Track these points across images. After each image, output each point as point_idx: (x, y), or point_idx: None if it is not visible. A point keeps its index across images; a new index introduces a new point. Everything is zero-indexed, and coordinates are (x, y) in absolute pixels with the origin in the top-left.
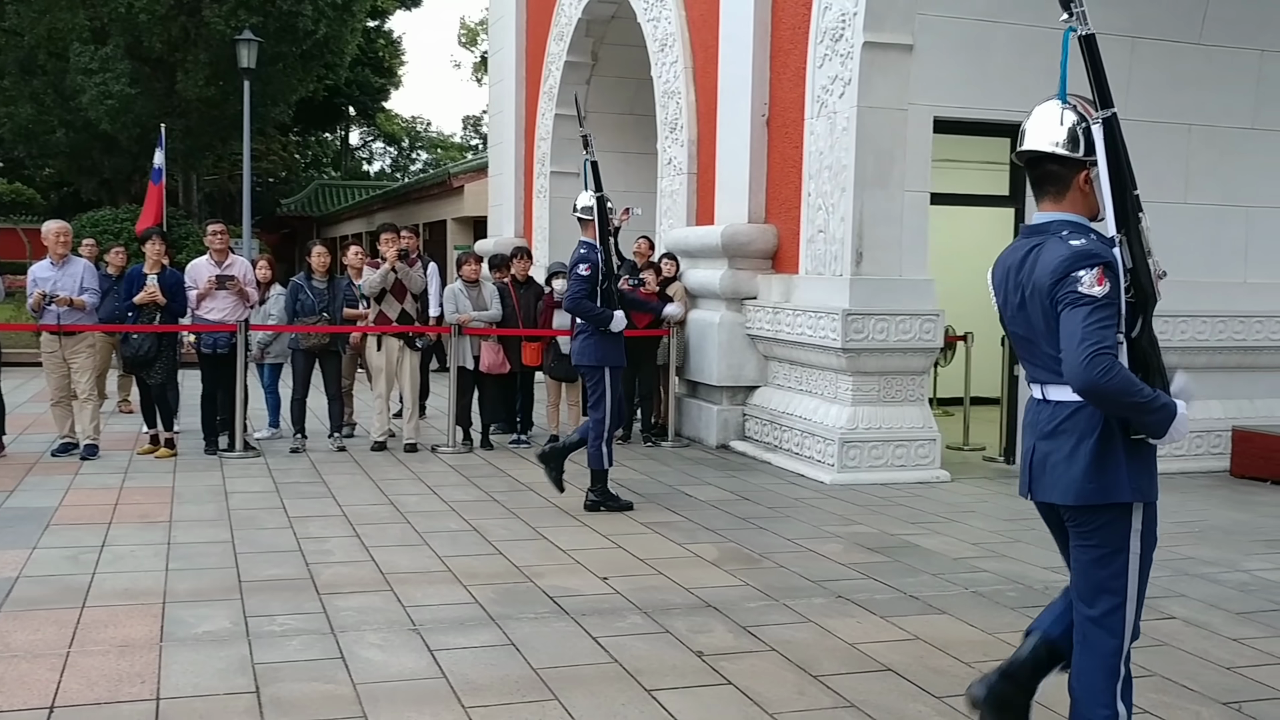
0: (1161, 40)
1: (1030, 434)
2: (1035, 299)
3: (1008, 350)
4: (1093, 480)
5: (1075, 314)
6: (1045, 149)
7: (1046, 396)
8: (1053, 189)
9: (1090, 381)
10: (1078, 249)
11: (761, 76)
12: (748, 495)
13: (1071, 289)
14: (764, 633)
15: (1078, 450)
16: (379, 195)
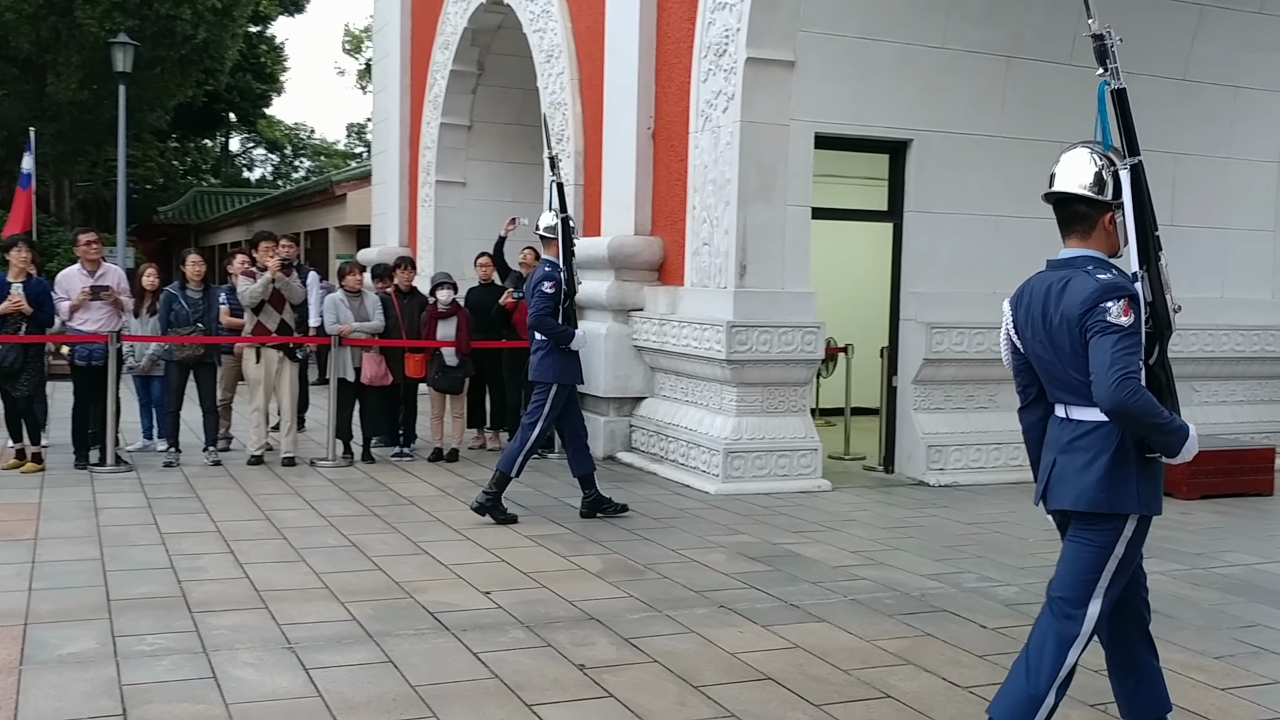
0: (1035, 60)
1: (1051, 449)
2: (1064, 327)
3: (887, 361)
4: (1104, 490)
5: (1104, 341)
6: (1075, 191)
7: (1069, 416)
8: (1080, 227)
9: (1118, 402)
10: (1105, 282)
11: (647, 90)
12: (633, 506)
13: (1100, 318)
14: (646, 644)
15: (1093, 463)
16: (260, 203)
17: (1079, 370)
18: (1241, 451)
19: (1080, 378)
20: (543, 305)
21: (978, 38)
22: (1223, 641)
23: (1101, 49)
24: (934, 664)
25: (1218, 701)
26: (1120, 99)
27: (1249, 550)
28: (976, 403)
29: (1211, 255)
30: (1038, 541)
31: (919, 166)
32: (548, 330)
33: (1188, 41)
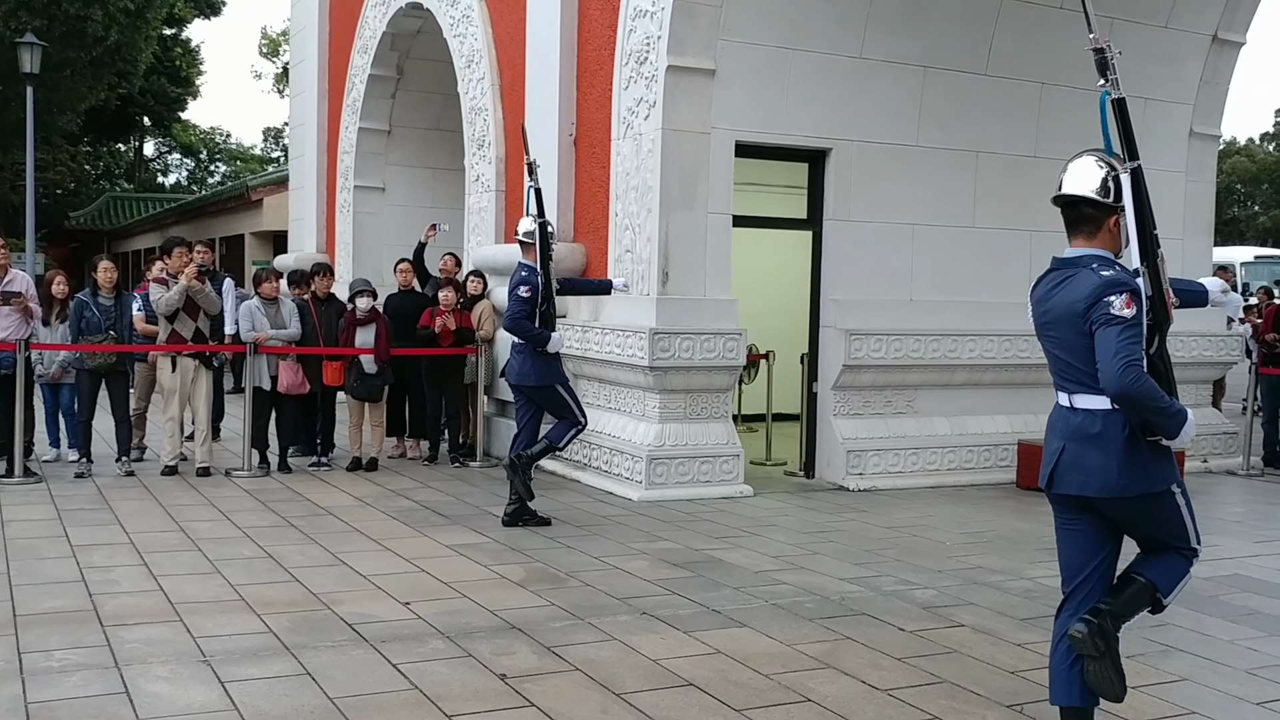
0: (951, 70)
1: (1057, 436)
2: (1070, 320)
3: (807, 368)
4: (1123, 476)
5: (1109, 332)
6: (1084, 194)
7: (1074, 405)
8: (1087, 228)
9: (1123, 388)
10: (1109, 278)
11: (569, 96)
12: (556, 514)
13: (1105, 311)
14: (568, 652)
15: (1108, 450)
16: (174, 208)
17: (1083, 361)
18: None
19: (1084, 367)
20: (518, 309)
21: (895, 48)
22: (1134, 641)
23: (1102, 61)
24: (853, 667)
25: (1129, 700)
26: (1120, 108)
27: None
28: (894, 408)
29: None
30: (955, 544)
31: (838, 175)
32: (522, 333)
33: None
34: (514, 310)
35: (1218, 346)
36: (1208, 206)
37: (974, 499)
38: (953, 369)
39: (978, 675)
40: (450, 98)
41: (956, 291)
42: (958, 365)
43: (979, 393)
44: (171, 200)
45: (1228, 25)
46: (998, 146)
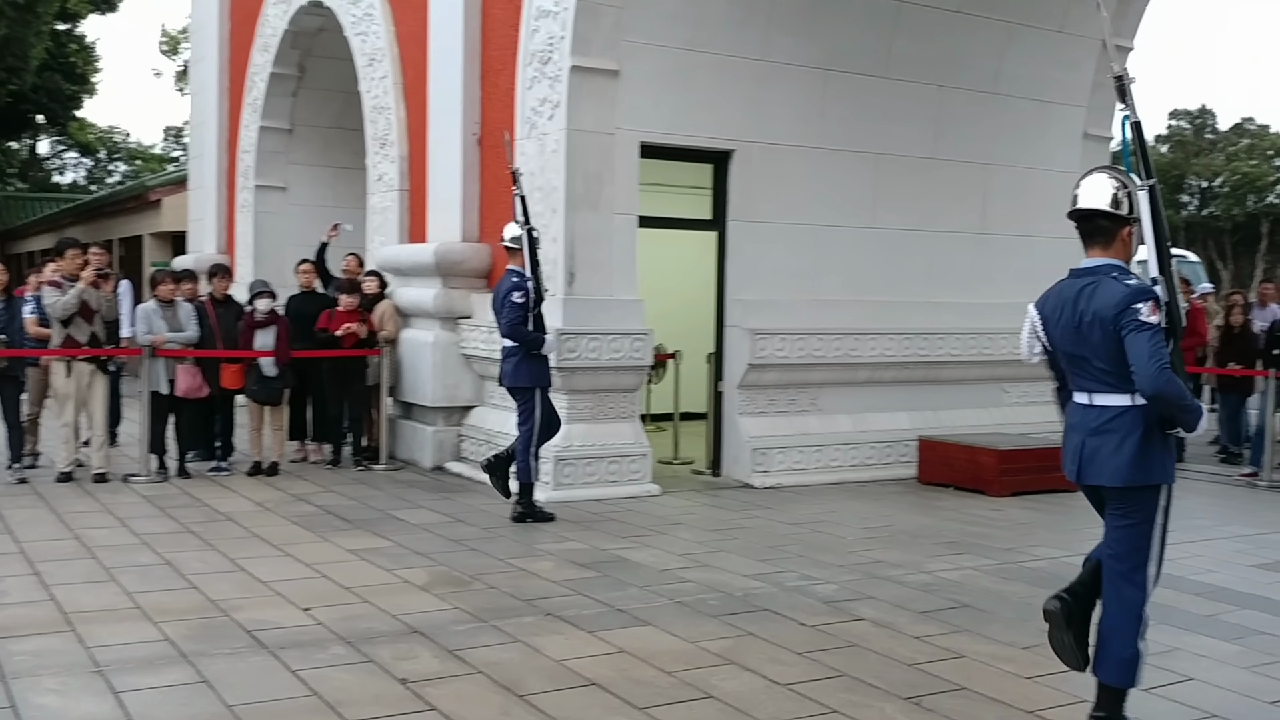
0: (852, 73)
1: (1077, 432)
2: (1095, 325)
3: (713, 367)
4: (1136, 467)
5: (1140, 337)
6: (1099, 207)
7: (1094, 402)
8: (1102, 239)
9: (1158, 389)
10: (1135, 287)
11: (472, 95)
12: (461, 517)
13: (1134, 317)
14: (471, 655)
15: (1124, 444)
16: (70, 209)
17: (1106, 362)
18: (1050, 450)
19: (1107, 368)
20: (515, 314)
21: (796, 50)
22: (1029, 632)
23: (1121, 88)
24: (755, 663)
25: (1024, 690)
26: (1138, 130)
27: (1056, 544)
28: (799, 406)
29: (1020, 261)
30: (856, 540)
31: (741, 176)
32: (521, 338)
33: (997, 57)
34: (510, 316)
35: None
36: None
37: (876, 494)
38: (855, 367)
39: (877, 668)
40: (352, 96)
41: (858, 291)
42: (860, 363)
43: (880, 390)
44: (68, 200)
45: (1117, 30)
46: (897, 148)
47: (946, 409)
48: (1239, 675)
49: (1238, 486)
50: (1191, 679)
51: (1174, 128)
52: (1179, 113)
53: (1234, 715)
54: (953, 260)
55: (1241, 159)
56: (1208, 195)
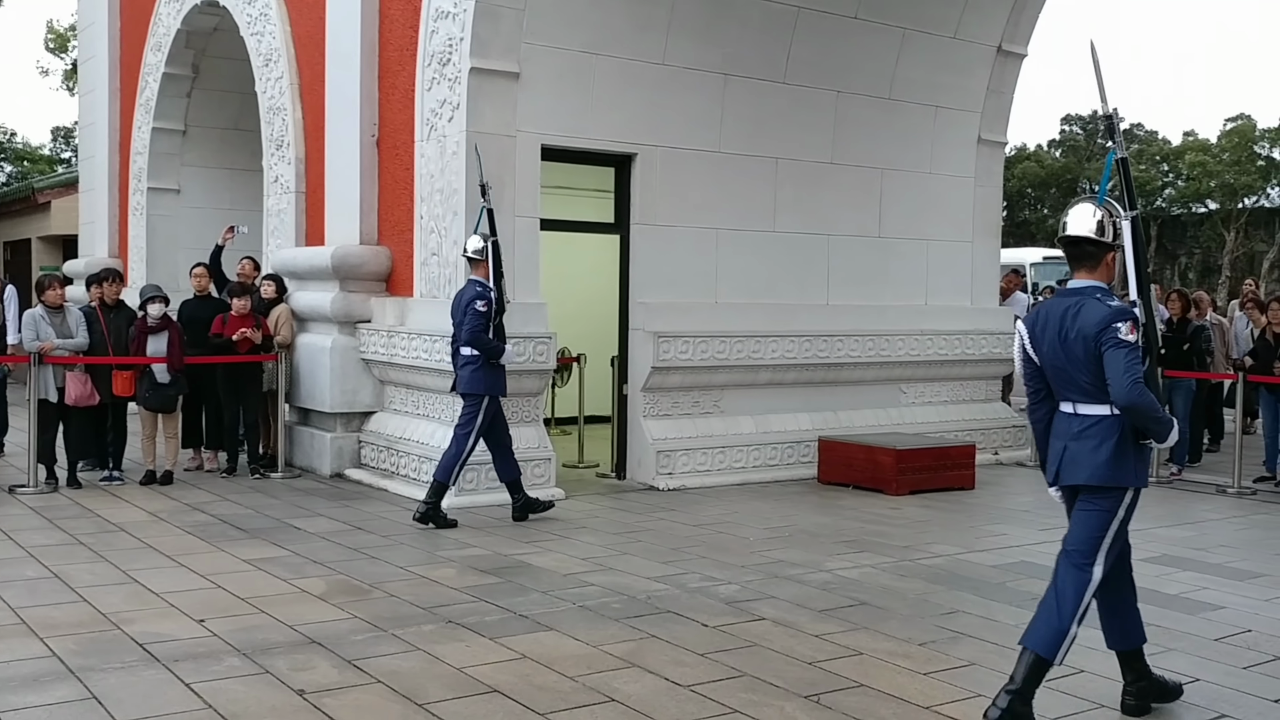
0: (751, 78)
1: (1060, 439)
2: (1079, 341)
3: (617, 370)
4: (1110, 468)
5: (1118, 353)
6: (1086, 234)
7: (1076, 411)
8: (1088, 263)
9: (1131, 401)
10: (1115, 308)
11: (370, 96)
12: (361, 525)
13: (1114, 335)
14: (370, 665)
15: (1100, 447)
16: None
17: (1088, 375)
18: (945, 449)
19: (1089, 381)
20: (476, 322)
21: (696, 55)
22: (926, 629)
23: (1110, 126)
24: (657, 665)
25: (920, 686)
26: (1124, 165)
27: (952, 541)
28: (702, 408)
29: (916, 265)
30: (758, 540)
31: (643, 180)
32: (482, 346)
33: (892, 63)
34: (472, 324)
35: (1006, 344)
36: (995, 210)
37: (778, 495)
38: (757, 369)
39: (777, 667)
40: (248, 97)
41: (760, 294)
42: (762, 365)
43: (782, 392)
44: None
45: (1011, 37)
46: (796, 153)
47: (846, 410)
48: None
49: None
50: (1082, 671)
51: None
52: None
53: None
54: (851, 263)
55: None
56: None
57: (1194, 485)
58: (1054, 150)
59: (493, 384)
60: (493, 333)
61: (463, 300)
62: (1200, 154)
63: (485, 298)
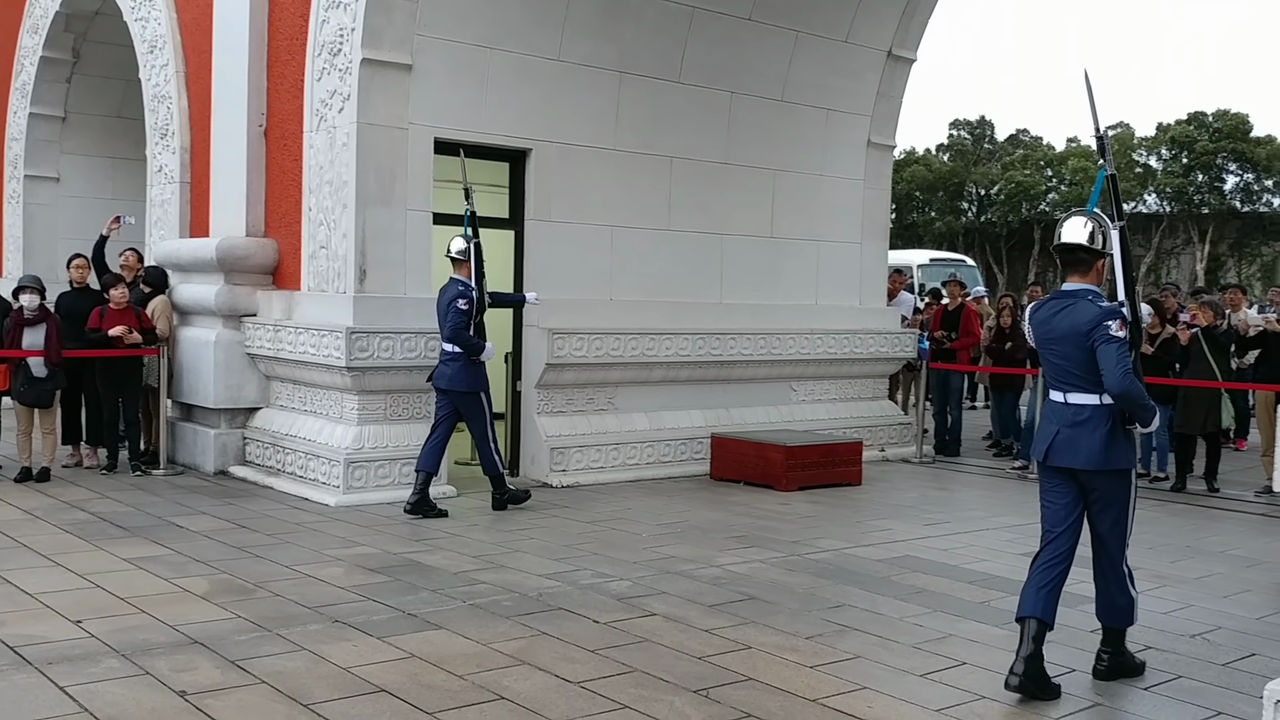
0: (646, 77)
1: (1052, 423)
2: (1072, 337)
3: (511, 367)
4: (1104, 453)
5: (1110, 348)
6: (1080, 242)
7: (1068, 400)
8: (1081, 269)
9: (1124, 389)
10: (1106, 308)
11: (258, 85)
12: (246, 523)
13: (1105, 332)
14: (254, 665)
15: (1095, 434)
16: None
17: (1080, 368)
18: (834, 446)
19: (1080, 373)
20: (458, 320)
21: (592, 52)
22: (813, 622)
23: (1101, 146)
24: (548, 662)
25: (807, 679)
26: (1113, 182)
27: (839, 536)
28: (596, 405)
29: (807, 265)
30: (651, 536)
31: (538, 176)
32: (464, 342)
33: (785, 65)
34: (454, 321)
35: (893, 343)
36: (883, 212)
37: (670, 491)
38: (651, 366)
39: (667, 662)
40: (132, 84)
41: (654, 292)
42: (656, 363)
43: (675, 389)
44: None
45: (901, 42)
46: (691, 152)
47: (738, 407)
48: (1007, 659)
49: (1009, 479)
50: (964, 663)
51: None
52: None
53: (1001, 696)
54: (744, 262)
55: (1016, 168)
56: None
57: None
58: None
59: (478, 380)
60: (473, 330)
61: (445, 299)
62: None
63: (467, 296)
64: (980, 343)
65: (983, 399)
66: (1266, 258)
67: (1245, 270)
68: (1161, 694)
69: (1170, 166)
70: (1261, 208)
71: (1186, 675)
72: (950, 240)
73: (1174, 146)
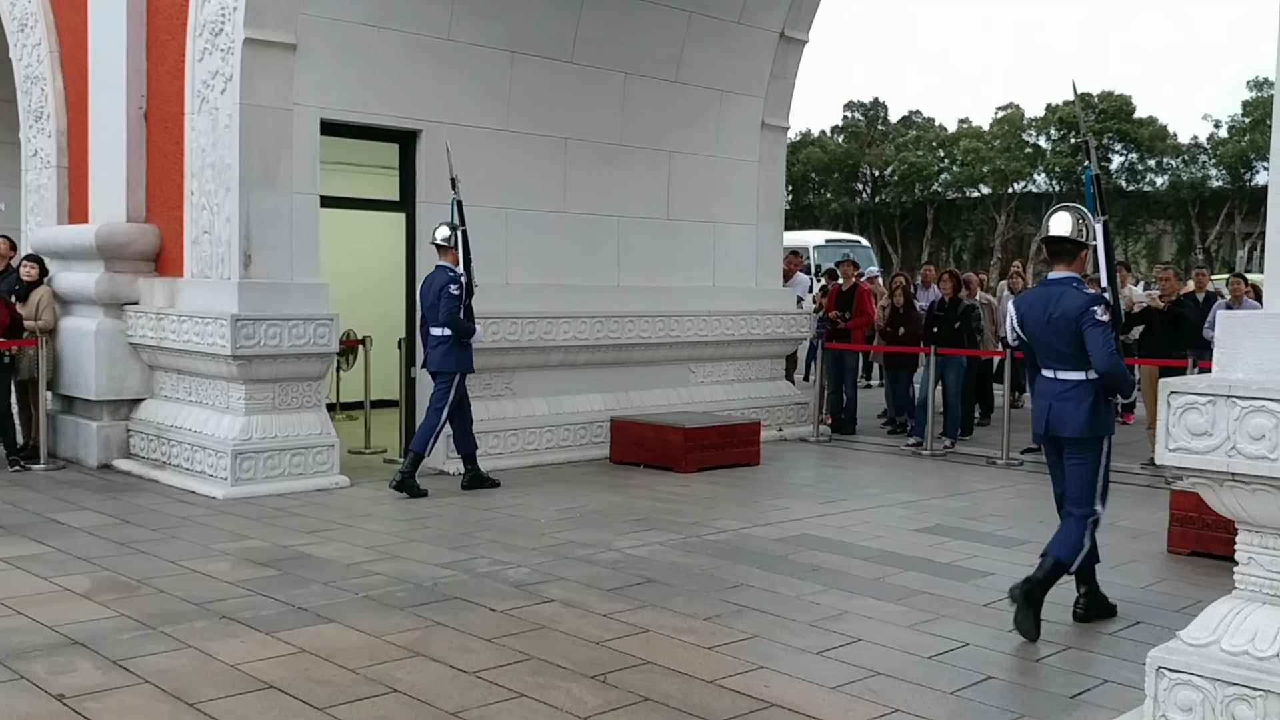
0: (538, 57)
1: (1044, 398)
2: (1061, 321)
3: (405, 352)
4: (1089, 422)
5: (1096, 331)
6: (1066, 234)
7: (1058, 376)
8: (1066, 258)
9: (1110, 367)
10: (1092, 295)
11: (138, 66)
12: (130, 518)
13: (1091, 317)
14: (137, 664)
15: (1081, 405)
16: None
17: (1068, 348)
18: (732, 426)
19: (1067, 352)
20: (452, 305)
21: (484, 32)
22: (711, 603)
23: (1086, 148)
24: (443, 653)
25: (705, 660)
26: (1097, 181)
27: (738, 516)
28: (493, 391)
29: (703, 247)
30: (549, 522)
31: (429, 157)
32: (458, 327)
33: (678, 45)
34: (448, 306)
35: (789, 324)
36: (778, 193)
37: (570, 476)
38: (549, 351)
39: (564, 648)
40: (3, 64)
41: (551, 275)
42: (553, 347)
43: (574, 373)
44: None
45: (793, 23)
46: (586, 133)
47: (637, 390)
48: (902, 634)
49: (903, 456)
50: (859, 640)
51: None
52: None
53: (896, 672)
54: (640, 245)
55: (910, 150)
56: (879, 183)
57: (966, 458)
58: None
59: (463, 362)
60: (465, 314)
61: (434, 285)
62: (974, 141)
63: (458, 282)
64: (874, 322)
65: (877, 378)
66: (1151, 235)
67: (1131, 248)
68: (1051, 664)
69: (1059, 146)
70: (1145, 187)
71: (1075, 646)
72: (846, 221)
73: (1062, 127)
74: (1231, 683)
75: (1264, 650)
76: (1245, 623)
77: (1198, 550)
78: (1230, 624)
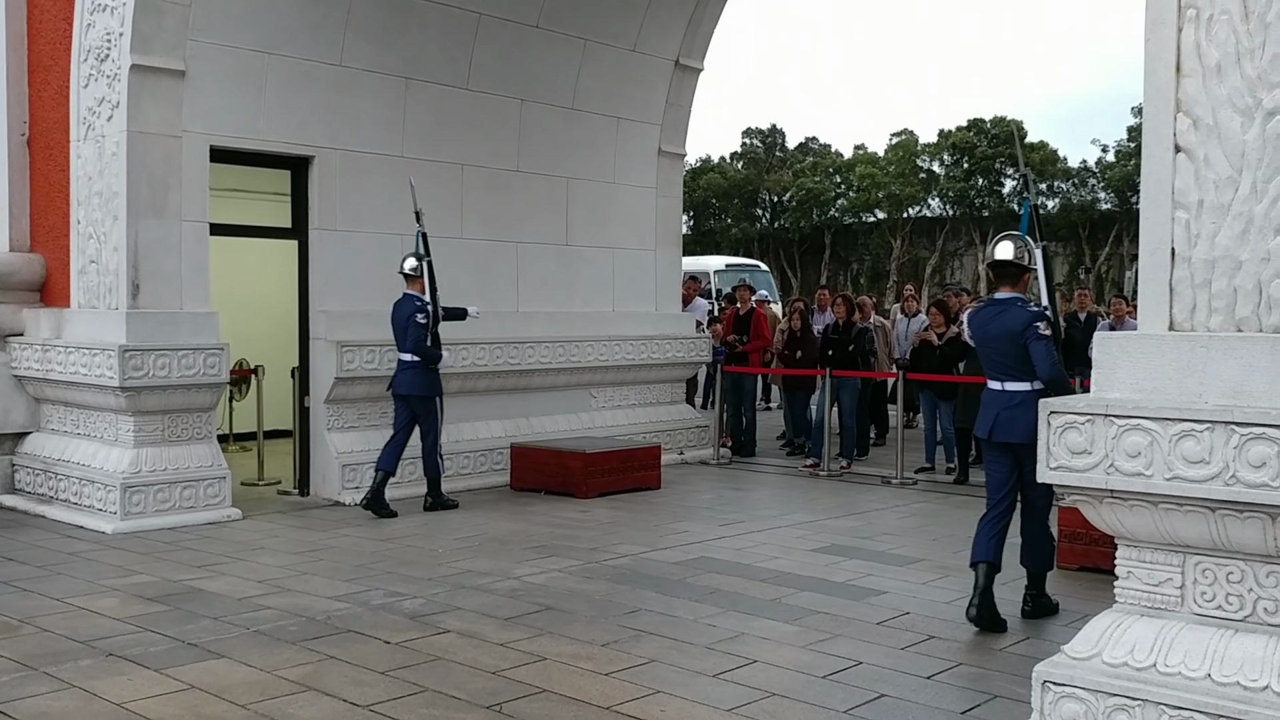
0: (433, 83)
1: (992, 407)
2: (1005, 337)
3: (298, 382)
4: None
5: (1040, 344)
6: (1009, 259)
7: (1005, 387)
8: (1010, 280)
9: (1054, 377)
10: (1033, 313)
11: (19, 92)
12: (14, 555)
13: (1035, 332)
14: (17, 707)
15: (1029, 414)
16: None
17: (1013, 361)
18: (633, 451)
19: (1014, 365)
20: (419, 333)
21: (376, 58)
22: (609, 629)
23: (1025, 182)
24: (335, 686)
25: (602, 686)
26: (1036, 211)
27: (638, 541)
28: (389, 419)
29: (603, 272)
30: (447, 551)
31: (322, 184)
32: (426, 355)
33: (574, 73)
34: (416, 334)
35: (689, 348)
36: (676, 219)
37: (469, 504)
38: (447, 378)
39: (460, 679)
40: None
41: (448, 301)
42: (452, 374)
43: (473, 400)
44: None
45: (688, 52)
46: (482, 160)
47: (538, 415)
48: (797, 654)
49: (801, 477)
50: (755, 661)
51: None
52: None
53: (790, 692)
54: (540, 270)
55: (807, 175)
56: (778, 209)
57: (861, 477)
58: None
59: (434, 386)
60: (431, 341)
61: (402, 313)
62: (869, 166)
63: (424, 310)
64: (770, 346)
65: (776, 400)
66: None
67: None
68: (942, 681)
69: (952, 171)
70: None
71: (966, 662)
72: (746, 246)
73: (955, 152)
74: (1112, 694)
75: (1142, 661)
76: (1125, 635)
77: (1086, 565)
78: (1111, 637)
